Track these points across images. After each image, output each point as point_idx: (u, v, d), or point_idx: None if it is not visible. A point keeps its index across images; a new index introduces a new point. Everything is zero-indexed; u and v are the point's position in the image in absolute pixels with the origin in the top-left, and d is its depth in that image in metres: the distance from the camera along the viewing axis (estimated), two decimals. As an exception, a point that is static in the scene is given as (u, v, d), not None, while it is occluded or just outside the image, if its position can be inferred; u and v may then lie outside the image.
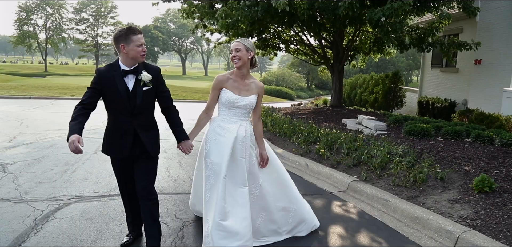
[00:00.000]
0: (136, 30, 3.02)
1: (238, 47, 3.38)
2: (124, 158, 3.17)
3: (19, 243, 3.36)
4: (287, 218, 3.74)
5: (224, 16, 9.73)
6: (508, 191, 4.46)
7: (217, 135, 3.36)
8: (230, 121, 3.41)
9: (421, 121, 8.39)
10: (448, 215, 4.10)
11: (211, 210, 3.19)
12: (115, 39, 3.02)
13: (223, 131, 3.36)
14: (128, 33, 2.98)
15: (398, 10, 8.32)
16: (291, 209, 3.75)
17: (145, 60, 3.14)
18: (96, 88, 3.01)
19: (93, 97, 3.02)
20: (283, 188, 3.72)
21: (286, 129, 8.24)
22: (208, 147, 3.37)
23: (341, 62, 12.81)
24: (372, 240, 3.81)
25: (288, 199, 3.74)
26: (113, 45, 3.07)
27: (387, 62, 44.40)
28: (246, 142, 3.41)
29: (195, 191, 3.91)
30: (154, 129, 3.26)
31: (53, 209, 4.13)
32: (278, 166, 3.74)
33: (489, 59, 11.69)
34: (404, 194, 4.78)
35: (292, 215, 3.76)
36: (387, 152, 5.80)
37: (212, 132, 3.41)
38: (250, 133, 3.49)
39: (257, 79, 3.61)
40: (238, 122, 3.42)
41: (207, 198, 3.26)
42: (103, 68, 3.11)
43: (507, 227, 3.71)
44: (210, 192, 3.26)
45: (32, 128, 9.22)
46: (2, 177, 5.22)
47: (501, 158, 5.71)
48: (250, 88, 3.44)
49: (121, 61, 3.06)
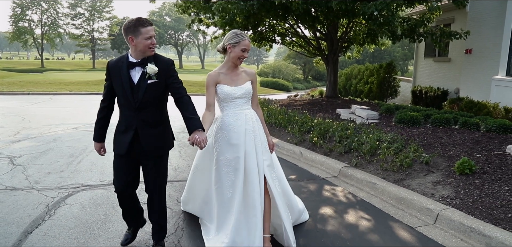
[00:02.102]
0: (146, 22, 2.90)
1: (249, 48, 3.37)
2: (122, 153, 3.02)
3: (36, 225, 3.68)
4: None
5: (221, 10, 9.97)
6: (487, 173, 4.78)
7: (225, 132, 3.30)
8: (235, 113, 3.34)
9: (411, 110, 8.69)
10: (431, 195, 4.42)
11: (233, 206, 3.21)
12: (124, 31, 2.91)
13: (230, 126, 3.30)
14: (137, 25, 2.87)
15: (390, 4, 8.59)
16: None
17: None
18: (108, 80, 3.03)
19: (108, 93, 3.06)
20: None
21: (282, 119, 8.54)
22: (219, 146, 3.31)
23: (335, 54, 13.07)
24: (358, 218, 4.13)
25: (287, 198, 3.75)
26: (123, 37, 2.97)
27: (383, 52, 44.62)
28: (256, 129, 3.38)
29: (190, 190, 3.91)
30: (161, 125, 3.10)
31: (63, 196, 4.44)
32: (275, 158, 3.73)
33: (479, 48, 11.99)
34: (391, 177, 5.10)
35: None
36: (376, 139, 6.12)
37: (220, 130, 3.35)
38: (256, 119, 3.45)
39: (247, 68, 3.63)
40: (242, 112, 3.36)
41: (229, 195, 3.25)
42: (113, 60, 3.05)
43: (483, 204, 4.03)
44: (232, 188, 3.24)
45: (34, 123, 9.48)
46: (12, 168, 5.52)
47: (484, 143, 6.04)
48: (243, 77, 3.40)
49: (130, 53, 2.98)
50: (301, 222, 3.97)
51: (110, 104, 3.12)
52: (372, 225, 3.97)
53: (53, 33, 59.61)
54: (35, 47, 61.62)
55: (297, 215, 3.90)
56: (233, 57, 3.28)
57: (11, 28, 57.68)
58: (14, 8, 56.43)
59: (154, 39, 2.93)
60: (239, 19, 10.63)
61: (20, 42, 59.22)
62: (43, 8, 58.42)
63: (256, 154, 3.29)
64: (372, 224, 4.00)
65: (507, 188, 4.30)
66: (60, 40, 63.06)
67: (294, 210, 3.83)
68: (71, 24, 63.22)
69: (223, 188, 3.28)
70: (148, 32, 2.88)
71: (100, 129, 3.15)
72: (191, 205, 3.98)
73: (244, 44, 3.25)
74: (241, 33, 3.28)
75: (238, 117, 3.33)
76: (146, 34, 2.87)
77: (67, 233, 3.55)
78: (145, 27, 2.87)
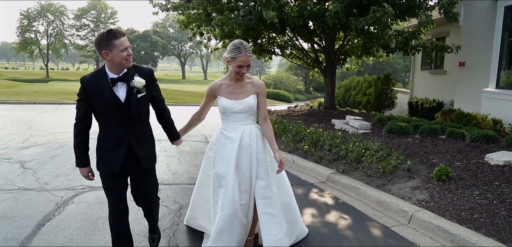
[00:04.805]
0: (118, 33, 2.69)
1: (250, 62, 3.13)
2: (115, 172, 2.86)
3: (47, 219, 4.13)
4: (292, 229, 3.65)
5: (220, 24, 10.44)
6: (463, 179, 5.15)
7: (221, 145, 3.21)
8: (233, 128, 3.21)
9: (401, 121, 9.07)
10: (408, 199, 4.80)
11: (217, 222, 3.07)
12: (96, 46, 2.70)
13: (226, 139, 3.20)
14: (109, 38, 2.65)
15: (381, 19, 9.03)
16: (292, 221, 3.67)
17: (145, 64, 3.32)
18: (84, 100, 2.77)
19: (85, 114, 2.81)
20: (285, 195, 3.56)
21: (277, 129, 8.95)
22: (213, 158, 3.22)
23: (333, 66, 13.49)
24: (338, 218, 4.52)
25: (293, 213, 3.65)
26: (97, 52, 2.74)
27: (383, 64, 45.05)
28: (253, 147, 3.19)
29: (194, 205, 3.78)
30: (150, 139, 3.03)
31: (71, 196, 4.88)
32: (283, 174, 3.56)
33: (472, 61, 12.37)
34: (374, 182, 5.47)
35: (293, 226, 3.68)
36: (363, 148, 6.50)
37: (216, 142, 3.26)
38: (257, 136, 3.25)
39: (255, 78, 3.43)
40: (241, 127, 3.20)
41: (215, 210, 3.14)
42: (87, 76, 2.80)
43: (453, 206, 4.40)
44: (217, 204, 3.12)
45: (41, 131, 9.93)
46: (23, 171, 5.98)
47: (466, 152, 6.41)
48: (247, 90, 3.19)
49: (107, 68, 2.76)
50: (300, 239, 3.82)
51: (88, 125, 2.87)
52: (349, 224, 4.35)
53: (58, 44, 60.68)
54: (40, 57, 62.66)
55: (299, 232, 3.77)
56: (232, 71, 3.15)
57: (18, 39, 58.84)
58: (21, 19, 57.60)
59: (130, 49, 2.73)
60: (238, 32, 11.10)
61: (26, 53, 60.39)
62: (49, 19, 59.57)
63: (250, 172, 3.17)
64: (349, 223, 4.39)
65: (478, 193, 4.67)
66: (65, 51, 64.14)
67: (297, 226, 3.71)
68: (76, 35, 64.41)
69: (212, 201, 3.20)
70: (122, 43, 2.67)
71: (82, 153, 2.88)
72: (199, 221, 3.79)
73: (239, 60, 3.04)
74: (239, 47, 3.05)
75: (235, 132, 3.18)
76: (121, 46, 2.67)
77: (75, 226, 3.99)
78: (118, 39, 2.66)
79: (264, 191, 3.16)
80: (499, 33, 10.18)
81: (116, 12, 66.42)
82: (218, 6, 11.25)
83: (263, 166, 3.21)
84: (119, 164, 2.82)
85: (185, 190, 5.29)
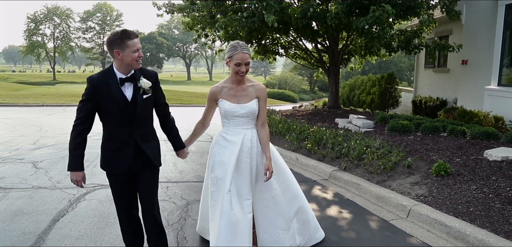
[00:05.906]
0: (132, 34, 2.73)
1: (248, 60, 3.05)
2: (125, 171, 2.90)
3: (62, 215, 4.37)
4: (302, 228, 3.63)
5: (224, 26, 10.62)
6: (461, 174, 5.29)
7: (221, 148, 3.18)
8: (234, 132, 3.17)
9: (403, 119, 9.19)
10: (407, 194, 4.96)
11: (215, 227, 3.04)
12: (108, 44, 2.74)
13: (226, 143, 3.16)
14: (123, 38, 2.70)
15: (380, 18, 9.17)
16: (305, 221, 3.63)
17: (150, 66, 3.28)
18: (91, 100, 2.76)
19: (88, 115, 2.80)
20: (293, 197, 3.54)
21: (281, 128, 9.12)
22: (213, 161, 3.20)
23: (336, 66, 13.61)
24: (338, 212, 4.70)
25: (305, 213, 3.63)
26: (107, 51, 2.79)
27: (388, 63, 44.99)
28: (253, 152, 3.18)
29: (203, 215, 3.64)
30: (155, 139, 3.05)
31: (83, 194, 5.11)
32: (288, 173, 3.54)
33: (475, 59, 12.45)
34: (375, 179, 5.63)
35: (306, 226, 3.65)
36: (365, 145, 6.66)
37: (216, 145, 3.23)
38: (257, 141, 3.23)
39: (256, 81, 3.33)
40: (242, 132, 3.16)
41: (211, 215, 3.11)
42: (96, 75, 2.82)
43: (450, 200, 4.55)
44: (214, 208, 3.09)
45: (51, 132, 10.20)
46: (36, 171, 6.23)
47: (466, 148, 6.53)
48: (249, 94, 3.15)
49: (115, 67, 2.80)
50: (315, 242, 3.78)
51: (89, 127, 2.85)
52: (349, 218, 4.53)
53: (65, 47, 61.37)
54: (47, 60, 63.38)
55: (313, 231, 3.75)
56: (232, 71, 3.08)
57: (25, 42, 59.59)
58: (28, 23, 58.34)
59: (140, 51, 2.78)
60: (242, 33, 11.27)
61: (33, 56, 61.11)
62: (55, 22, 60.27)
63: (250, 178, 3.17)
64: (350, 216, 4.57)
65: (475, 187, 4.81)
66: (72, 53, 64.85)
67: (310, 225, 3.70)
68: (82, 37, 65.10)
69: (209, 205, 3.17)
70: (135, 45, 2.72)
71: (79, 156, 2.82)
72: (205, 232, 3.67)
73: (236, 57, 2.98)
74: (235, 46, 3.02)
75: (237, 136, 3.15)
76: (134, 47, 2.71)
77: (87, 221, 4.22)
78: (132, 40, 2.71)
79: (262, 194, 3.27)
80: (500, 31, 10.28)
81: (122, 14, 66.91)
82: (222, 8, 11.44)
83: (262, 170, 3.25)
84: (129, 163, 2.85)
85: (191, 187, 5.51)
